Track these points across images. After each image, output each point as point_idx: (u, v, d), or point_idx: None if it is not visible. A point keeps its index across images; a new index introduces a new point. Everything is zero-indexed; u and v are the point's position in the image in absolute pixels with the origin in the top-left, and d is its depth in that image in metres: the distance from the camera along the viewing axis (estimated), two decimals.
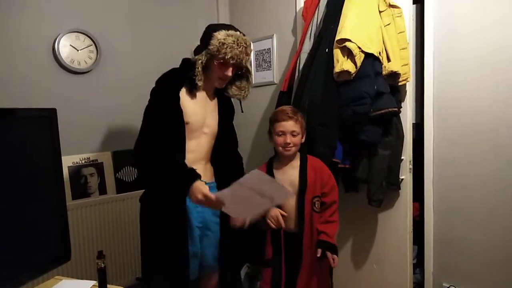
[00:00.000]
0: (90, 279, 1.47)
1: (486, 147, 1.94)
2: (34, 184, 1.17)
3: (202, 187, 1.46)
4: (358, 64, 1.78)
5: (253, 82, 2.90)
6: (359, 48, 1.76)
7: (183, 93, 1.66)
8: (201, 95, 1.72)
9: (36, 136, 1.19)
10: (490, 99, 1.91)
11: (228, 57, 1.58)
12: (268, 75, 2.81)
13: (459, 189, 2.05)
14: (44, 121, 1.21)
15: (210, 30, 1.63)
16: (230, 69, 1.64)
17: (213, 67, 1.64)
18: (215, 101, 1.80)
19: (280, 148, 1.77)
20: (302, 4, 2.40)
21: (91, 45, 2.38)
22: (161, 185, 1.63)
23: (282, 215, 1.70)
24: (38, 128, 1.19)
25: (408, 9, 2.02)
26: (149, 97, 1.67)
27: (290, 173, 1.81)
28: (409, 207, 2.11)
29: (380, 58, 1.82)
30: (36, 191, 1.18)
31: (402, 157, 2.07)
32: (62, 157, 1.39)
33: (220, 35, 1.58)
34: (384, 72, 1.84)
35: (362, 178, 2.01)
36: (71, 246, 1.35)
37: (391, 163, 1.99)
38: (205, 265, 1.77)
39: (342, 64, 1.79)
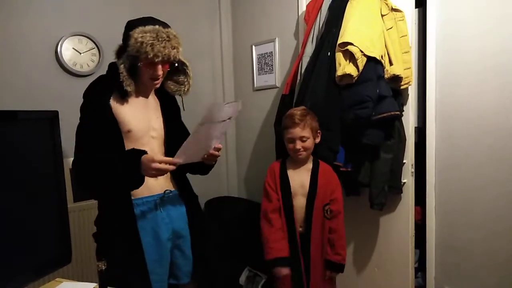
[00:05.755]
0: (91, 282, 1.47)
1: (488, 150, 1.93)
2: (35, 186, 1.17)
3: (149, 156, 1.37)
4: (360, 67, 1.78)
5: (255, 86, 2.91)
6: (361, 51, 1.76)
7: (114, 101, 1.49)
8: (138, 99, 1.57)
9: (37, 138, 1.18)
10: (492, 102, 1.90)
11: (151, 56, 1.40)
12: (270, 79, 2.81)
13: (461, 192, 2.04)
14: (45, 123, 1.20)
15: (127, 28, 1.46)
16: (159, 67, 1.46)
17: (140, 69, 1.47)
18: (155, 101, 1.65)
19: (292, 153, 1.81)
20: (304, 8, 2.40)
21: (94, 48, 2.38)
22: (108, 198, 1.53)
23: None
24: (39, 130, 1.19)
25: (411, 13, 2.02)
26: None
27: (303, 175, 1.84)
28: (411, 210, 2.10)
29: (383, 61, 1.82)
30: (36, 193, 1.17)
31: (404, 161, 2.06)
32: (65, 160, 1.39)
33: (136, 33, 1.40)
34: (386, 76, 1.84)
35: (364, 182, 2.00)
36: (73, 249, 1.34)
37: (393, 167, 1.98)
38: (179, 276, 1.67)
39: (344, 67, 1.79)
